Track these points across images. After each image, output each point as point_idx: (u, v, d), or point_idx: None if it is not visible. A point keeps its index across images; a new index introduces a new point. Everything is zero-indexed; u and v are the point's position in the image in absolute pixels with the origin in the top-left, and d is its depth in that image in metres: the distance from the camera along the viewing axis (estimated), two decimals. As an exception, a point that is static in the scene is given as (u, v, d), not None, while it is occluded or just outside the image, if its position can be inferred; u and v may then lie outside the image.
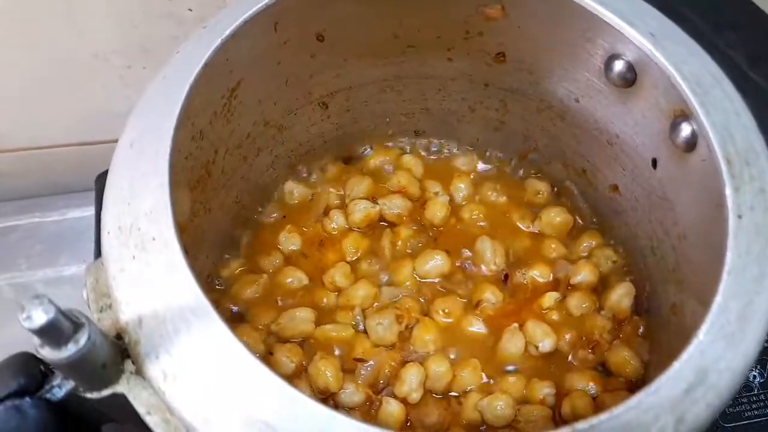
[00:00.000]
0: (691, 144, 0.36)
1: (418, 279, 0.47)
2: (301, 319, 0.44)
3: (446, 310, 0.46)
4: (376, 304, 0.46)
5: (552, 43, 0.42)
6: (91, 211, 0.67)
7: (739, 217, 0.31)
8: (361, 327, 0.45)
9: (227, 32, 0.35)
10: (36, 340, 0.24)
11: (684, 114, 0.36)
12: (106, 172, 0.55)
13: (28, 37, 0.56)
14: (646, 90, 0.39)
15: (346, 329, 0.45)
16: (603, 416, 0.26)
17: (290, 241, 0.48)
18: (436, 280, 0.47)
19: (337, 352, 0.44)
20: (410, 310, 0.45)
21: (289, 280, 0.46)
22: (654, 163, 0.41)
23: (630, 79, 0.39)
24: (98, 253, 0.52)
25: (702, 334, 0.28)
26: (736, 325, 0.29)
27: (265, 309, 0.45)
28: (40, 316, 0.22)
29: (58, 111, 0.63)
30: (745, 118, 0.34)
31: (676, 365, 0.28)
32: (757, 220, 0.31)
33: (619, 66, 0.39)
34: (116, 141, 0.63)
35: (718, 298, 0.29)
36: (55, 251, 0.66)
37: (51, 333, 0.23)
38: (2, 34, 0.55)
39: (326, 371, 0.42)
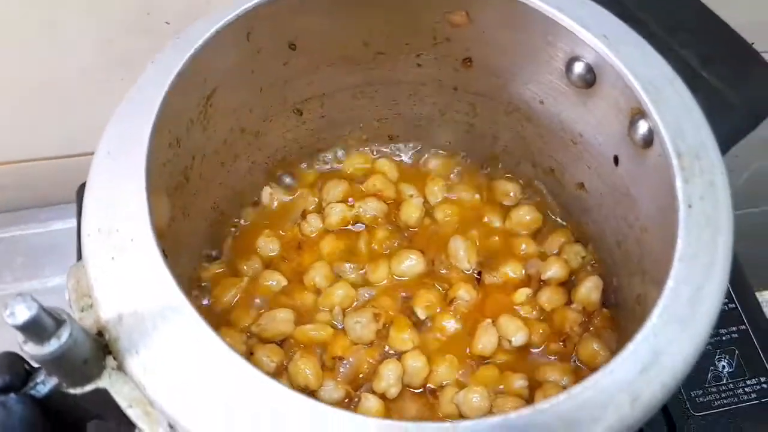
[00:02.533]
0: (648, 141, 0.38)
1: (394, 278, 0.48)
2: (281, 320, 0.45)
3: (421, 308, 0.47)
4: (354, 303, 0.47)
5: (515, 47, 0.43)
6: (73, 222, 0.68)
7: (689, 206, 0.33)
8: (340, 326, 0.46)
9: (200, 42, 0.36)
10: (20, 336, 0.25)
11: (640, 112, 0.38)
12: (85, 184, 0.57)
13: (9, 53, 0.57)
14: (605, 90, 0.40)
15: (325, 329, 0.46)
16: (561, 396, 0.28)
17: (269, 245, 0.49)
18: (411, 279, 0.48)
19: (316, 351, 0.45)
20: (387, 309, 0.47)
21: (269, 282, 0.48)
22: (616, 160, 0.42)
23: (590, 80, 0.41)
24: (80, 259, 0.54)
25: (655, 317, 0.30)
26: (688, 309, 0.30)
27: (246, 311, 0.46)
28: (23, 313, 0.24)
29: (39, 125, 0.64)
30: (696, 115, 0.36)
31: (630, 347, 0.29)
32: (707, 210, 0.33)
33: (578, 68, 0.41)
34: (97, 153, 0.64)
35: (670, 283, 0.31)
36: (38, 263, 0.67)
37: (34, 329, 0.24)
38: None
39: (306, 369, 0.43)
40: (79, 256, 0.54)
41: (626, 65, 0.37)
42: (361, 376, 0.45)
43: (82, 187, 0.57)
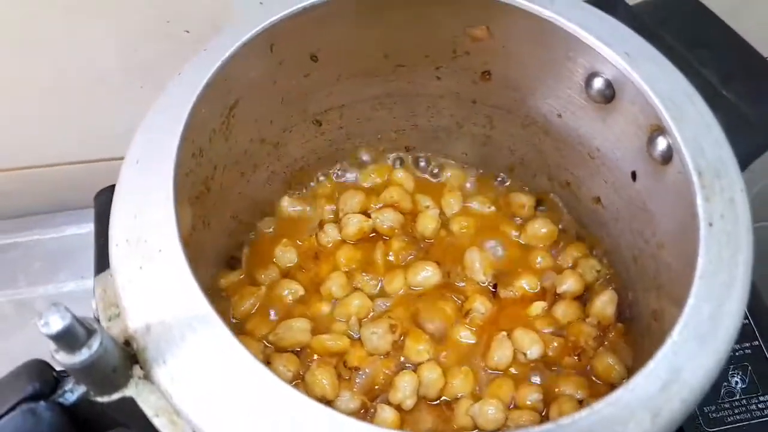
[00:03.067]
0: (667, 157, 0.38)
1: (410, 289, 0.49)
2: (297, 329, 0.46)
3: (437, 320, 0.47)
4: (370, 314, 0.47)
5: (535, 61, 0.44)
6: (89, 227, 0.68)
7: (710, 225, 0.33)
8: (356, 336, 0.47)
9: (227, 54, 0.37)
10: (52, 345, 0.25)
11: (660, 129, 0.38)
12: (105, 189, 0.57)
13: (28, 57, 0.58)
14: (624, 106, 0.40)
15: (341, 339, 0.46)
16: (583, 412, 0.28)
17: (286, 254, 0.50)
18: (427, 291, 0.49)
19: (332, 361, 0.46)
20: (403, 320, 0.47)
21: (286, 291, 0.48)
22: (633, 175, 0.43)
23: (609, 95, 0.41)
24: (98, 268, 0.54)
25: (676, 335, 0.30)
26: (708, 326, 0.31)
27: (263, 320, 0.47)
28: (57, 323, 0.24)
29: (57, 130, 0.64)
30: (716, 133, 0.36)
31: (651, 364, 0.29)
32: (727, 228, 0.33)
33: (598, 83, 0.41)
34: (114, 159, 0.64)
35: (691, 301, 0.31)
36: (53, 268, 0.67)
37: (66, 338, 0.25)
38: (2, 54, 0.57)
39: (323, 379, 0.44)
40: (98, 262, 0.55)
41: (646, 81, 0.38)
42: (377, 386, 0.45)
43: (100, 192, 0.58)
